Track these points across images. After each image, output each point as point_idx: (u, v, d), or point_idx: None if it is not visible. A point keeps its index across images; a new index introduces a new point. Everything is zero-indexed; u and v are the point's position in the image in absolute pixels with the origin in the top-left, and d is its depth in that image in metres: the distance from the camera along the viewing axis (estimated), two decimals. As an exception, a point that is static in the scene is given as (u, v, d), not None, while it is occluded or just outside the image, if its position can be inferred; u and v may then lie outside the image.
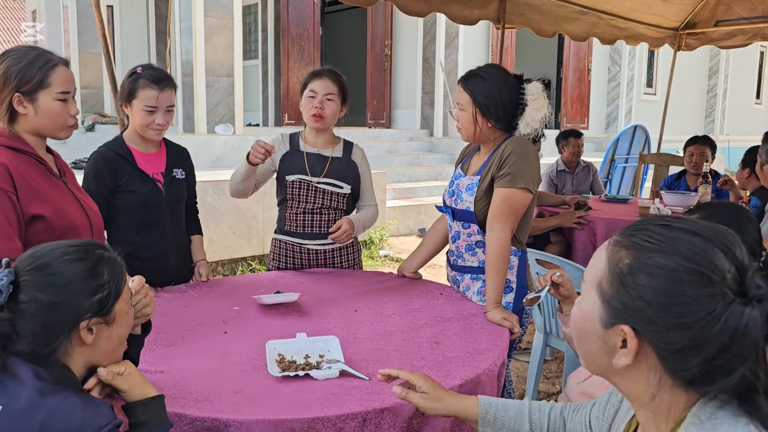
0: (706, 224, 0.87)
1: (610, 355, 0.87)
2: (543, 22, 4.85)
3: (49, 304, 1.11)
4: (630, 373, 0.87)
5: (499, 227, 2.08)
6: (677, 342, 0.81)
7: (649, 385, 0.85)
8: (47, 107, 1.78)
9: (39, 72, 1.75)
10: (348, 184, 2.59)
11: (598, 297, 0.88)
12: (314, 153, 2.59)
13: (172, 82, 2.35)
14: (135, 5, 11.43)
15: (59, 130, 1.84)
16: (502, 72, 2.19)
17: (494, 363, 1.68)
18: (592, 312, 0.89)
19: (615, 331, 0.86)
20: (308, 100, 2.55)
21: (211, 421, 1.32)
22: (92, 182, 2.28)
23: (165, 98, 2.30)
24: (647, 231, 0.88)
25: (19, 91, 1.74)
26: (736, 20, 5.52)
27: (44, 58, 1.78)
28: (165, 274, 2.36)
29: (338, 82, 2.57)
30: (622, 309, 0.85)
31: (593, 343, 0.90)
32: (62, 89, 1.80)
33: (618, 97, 11.88)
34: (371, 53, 10.60)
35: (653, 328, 0.82)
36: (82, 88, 10.19)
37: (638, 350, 0.84)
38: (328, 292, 2.28)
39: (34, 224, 1.75)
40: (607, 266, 0.88)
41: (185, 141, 7.03)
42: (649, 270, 0.83)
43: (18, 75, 1.73)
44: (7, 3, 24.43)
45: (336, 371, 1.53)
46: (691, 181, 4.78)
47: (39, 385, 1.08)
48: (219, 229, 5.19)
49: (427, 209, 7.42)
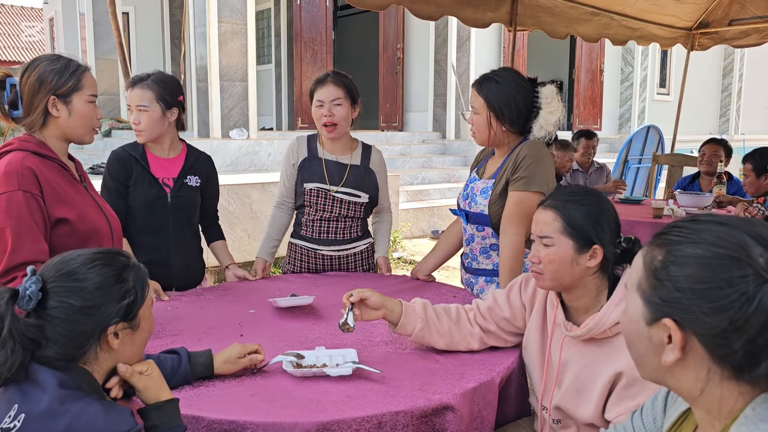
0: (736, 217, 0.89)
1: (659, 353, 0.90)
2: (555, 24, 4.84)
3: (80, 308, 1.14)
4: (679, 369, 0.89)
5: (512, 230, 2.09)
6: (717, 326, 0.83)
7: (698, 380, 0.87)
8: (80, 109, 1.85)
9: (73, 75, 1.82)
10: (366, 193, 2.58)
11: (640, 298, 0.91)
12: (333, 160, 2.58)
13: (150, 79, 2.36)
14: (150, 12, 11.56)
15: (87, 132, 1.90)
16: (516, 75, 2.20)
17: (509, 366, 1.69)
18: (636, 314, 0.92)
19: (659, 327, 0.88)
20: (317, 109, 2.53)
21: (228, 423, 1.34)
22: (109, 180, 2.35)
23: (135, 97, 2.35)
24: (677, 228, 0.91)
25: (55, 94, 1.80)
26: (750, 19, 5.47)
27: (75, 63, 1.85)
28: (166, 278, 2.36)
29: (343, 84, 2.52)
30: (661, 303, 0.88)
31: (641, 344, 0.93)
32: (92, 92, 1.88)
33: (631, 97, 11.82)
34: (383, 56, 10.63)
35: (693, 316, 0.85)
36: (99, 94, 10.32)
37: (684, 343, 0.87)
38: (342, 295, 2.29)
39: (58, 227, 1.80)
40: (643, 267, 0.92)
41: (200, 146, 7.03)
42: (680, 261, 0.87)
43: (54, 78, 1.79)
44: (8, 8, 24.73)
45: (349, 369, 1.55)
46: (704, 183, 4.76)
47: (61, 392, 1.10)
48: (234, 233, 5.23)
49: (440, 211, 7.43)
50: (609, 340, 1.52)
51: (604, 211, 1.57)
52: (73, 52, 9.60)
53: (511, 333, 1.78)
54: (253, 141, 7.74)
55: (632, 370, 1.44)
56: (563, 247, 1.55)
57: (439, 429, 1.45)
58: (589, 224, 1.54)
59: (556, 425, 1.64)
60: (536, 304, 1.73)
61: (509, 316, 1.77)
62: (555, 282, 1.59)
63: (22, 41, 22.77)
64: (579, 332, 1.54)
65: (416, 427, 1.42)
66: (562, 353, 1.61)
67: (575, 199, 1.58)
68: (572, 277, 1.56)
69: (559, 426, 1.63)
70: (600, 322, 1.51)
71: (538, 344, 1.69)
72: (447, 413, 1.45)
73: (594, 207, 1.56)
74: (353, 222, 2.59)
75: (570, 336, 1.58)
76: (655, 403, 1.11)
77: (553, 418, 1.64)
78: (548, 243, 1.57)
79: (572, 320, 1.61)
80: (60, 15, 11.67)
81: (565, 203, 1.58)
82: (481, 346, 1.77)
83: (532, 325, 1.72)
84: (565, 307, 1.64)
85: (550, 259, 1.56)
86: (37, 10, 24.36)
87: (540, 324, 1.71)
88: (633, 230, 3.72)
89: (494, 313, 1.78)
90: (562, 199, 1.60)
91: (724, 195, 4.15)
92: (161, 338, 1.85)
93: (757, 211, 3.31)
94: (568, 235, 1.55)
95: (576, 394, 1.56)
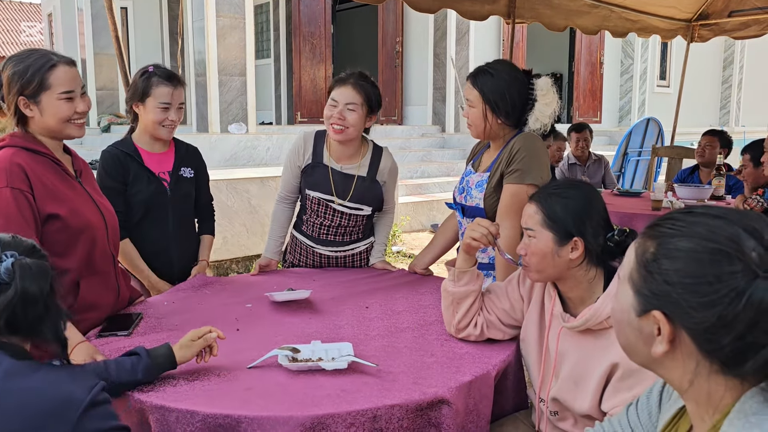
0: (733, 209, 0.88)
1: (648, 344, 0.89)
2: (553, 16, 4.83)
3: None
4: (669, 361, 0.88)
5: (507, 224, 2.08)
6: (706, 321, 0.82)
7: (686, 372, 0.87)
8: (51, 108, 1.79)
9: (38, 74, 1.75)
10: (370, 206, 2.52)
11: (631, 289, 0.91)
12: (339, 171, 2.47)
13: (182, 80, 2.41)
14: (148, 7, 11.52)
15: (67, 129, 1.84)
16: (510, 68, 2.19)
17: (505, 359, 1.69)
18: (626, 304, 0.92)
19: (648, 318, 0.88)
20: (329, 108, 2.39)
21: (222, 417, 1.34)
22: (105, 179, 2.34)
23: (178, 95, 2.37)
24: (670, 220, 0.90)
25: (23, 95, 1.76)
26: (750, 10, 5.44)
27: (43, 60, 1.77)
28: (167, 270, 2.42)
29: (364, 90, 2.39)
30: (650, 296, 0.87)
31: (631, 333, 0.92)
32: (64, 89, 1.79)
33: (631, 90, 11.79)
34: (382, 50, 10.60)
35: (681, 310, 0.84)
36: (97, 90, 10.30)
37: (673, 336, 0.86)
38: (339, 289, 2.29)
39: (50, 223, 1.79)
40: (635, 258, 0.91)
41: (199, 140, 7.11)
42: (671, 254, 0.86)
43: (18, 80, 1.75)
44: (6, 4, 24.70)
45: (344, 363, 1.55)
46: (704, 175, 4.75)
47: (10, 366, 1.09)
48: (233, 227, 5.23)
49: (439, 205, 7.42)
50: (606, 331, 1.52)
51: (587, 205, 1.58)
52: (71, 48, 9.56)
53: (510, 325, 1.79)
54: (252, 135, 7.73)
55: (628, 361, 1.43)
56: (543, 240, 1.58)
57: (435, 423, 1.45)
58: (569, 217, 1.56)
59: (554, 417, 1.64)
60: (534, 296, 1.74)
61: (508, 308, 1.78)
62: (540, 274, 1.62)
63: (22, 39, 22.76)
64: (575, 323, 1.54)
65: (411, 421, 1.41)
66: (560, 345, 1.61)
67: (557, 192, 1.61)
68: (555, 269, 1.58)
69: (556, 418, 1.63)
70: (596, 314, 1.51)
71: (536, 336, 1.69)
72: (442, 407, 1.45)
73: (575, 200, 1.58)
74: (354, 230, 2.56)
75: (567, 327, 1.58)
76: (650, 397, 1.11)
77: (550, 410, 1.64)
78: (531, 235, 1.61)
79: (570, 312, 1.62)
80: (58, 10, 11.63)
81: (548, 196, 1.61)
82: (480, 336, 1.77)
83: (529, 317, 1.73)
84: (563, 299, 1.65)
85: (533, 251, 1.60)
86: (36, 6, 24.32)
87: (538, 316, 1.71)
88: (632, 222, 3.71)
89: (494, 304, 1.80)
90: (546, 192, 1.63)
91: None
92: (158, 332, 1.85)
93: (756, 203, 3.30)
94: (548, 228, 1.58)
95: (573, 386, 1.56)
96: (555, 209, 1.57)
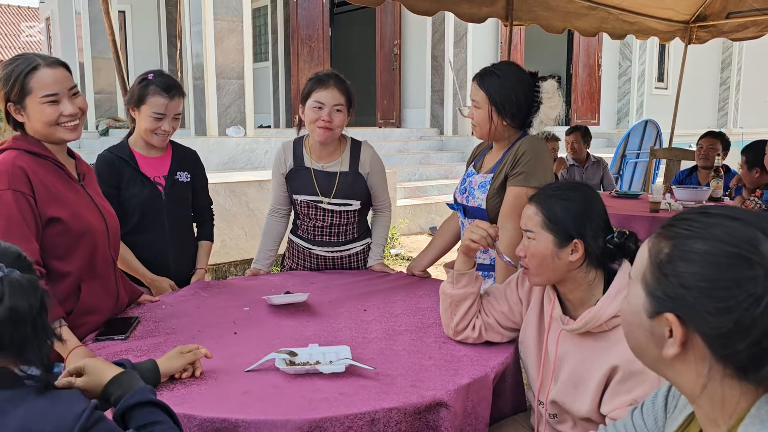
0: (749, 211, 0.86)
1: (659, 346, 0.87)
2: (551, 19, 4.83)
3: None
4: (680, 364, 0.86)
5: (510, 226, 2.08)
6: (722, 327, 0.80)
7: (699, 376, 0.84)
8: (36, 113, 1.76)
9: (17, 82, 1.73)
10: (357, 200, 2.53)
11: (643, 290, 0.89)
12: (321, 170, 2.51)
13: (181, 90, 2.39)
14: (146, 10, 11.53)
15: (57, 132, 1.81)
16: (517, 70, 2.19)
17: (503, 361, 1.69)
18: (638, 305, 0.90)
19: (661, 320, 0.86)
20: (314, 111, 2.39)
21: (220, 421, 1.33)
22: (101, 184, 2.32)
23: (173, 106, 2.35)
24: (686, 220, 0.87)
25: (10, 101, 1.76)
26: (748, 12, 5.44)
27: (24, 64, 1.74)
28: (164, 274, 2.41)
29: (345, 90, 2.43)
30: (664, 298, 0.85)
31: (642, 335, 0.90)
32: (46, 92, 1.75)
33: (629, 92, 11.80)
34: (380, 53, 10.61)
35: (696, 314, 0.82)
36: (95, 93, 10.29)
37: (685, 339, 0.84)
38: (337, 292, 2.29)
39: (51, 226, 1.79)
40: (649, 258, 0.88)
41: (197, 143, 7.10)
42: (687, 256, 0.83)
43: (4, 85, 1.74)
44: (5, 8, 24.75)
45: (342, 366, 1.54)
46: (702, 176, 4.75)
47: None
48: (231, 231, 5.22)
49: (438, 208, 7.42)
50: (605, 334, 1.52)
51: (587, 206, 1.57)
52: (69, 51, 9.55)
53: (508, 328, 1.78)
54: (250, 139, 7.73)
55: (628, 364, 1.44)
56: (543, 242, 1.56)
57: (433, 425, 1.45)
58: (569, 219, 1.55)
59: (553, 420, 1.63)
60: (533, 298, 1.73)
61: (506, 311, 1.77)
62: (540, 276, 1.60)
63: (21, 41, 22.77)
64: (575, 326, 1.54)
65: (410, 424, 1.41)
66: (559, 347, 1.60)
67: (557, 194, 1.59)
68: (555, 271, 1.57)
69: (555, 421, 1.63)
70: (596, 316, 1.50)
71: (535, 339, 1.69)
72: (440, 409, 1.44)
73: (575, 202, 1.57)
74: (348, 227, 2.57)
75: (566, 330, 1.57)
76: (655, 401, 1.09)
77: (549, 412, 1.63)
78: (530, 237, 1.59)
79: (569, 314, 1.61)
80: (56, 14, 11.64)
81: (548, 198, 1.59)
82: (478, 338, 1.77)
83: (528, 319, 1.72)
84: (562, 302, 1.64)
85: (532, 252, 1.58)
86: (34, 9, 24.34)
87: (537, 318, 1.70)
88: (630, 224, 3.71)
89: (492, 307, 1.79)
90: (546, 194, 1.62)
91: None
92: (155, 337, 1.84)
93: (754, 205, 3.30)
94: (548, 230, 1.56)
95: (572, 389, 1.55)
96: (555, 211, 1.56)
